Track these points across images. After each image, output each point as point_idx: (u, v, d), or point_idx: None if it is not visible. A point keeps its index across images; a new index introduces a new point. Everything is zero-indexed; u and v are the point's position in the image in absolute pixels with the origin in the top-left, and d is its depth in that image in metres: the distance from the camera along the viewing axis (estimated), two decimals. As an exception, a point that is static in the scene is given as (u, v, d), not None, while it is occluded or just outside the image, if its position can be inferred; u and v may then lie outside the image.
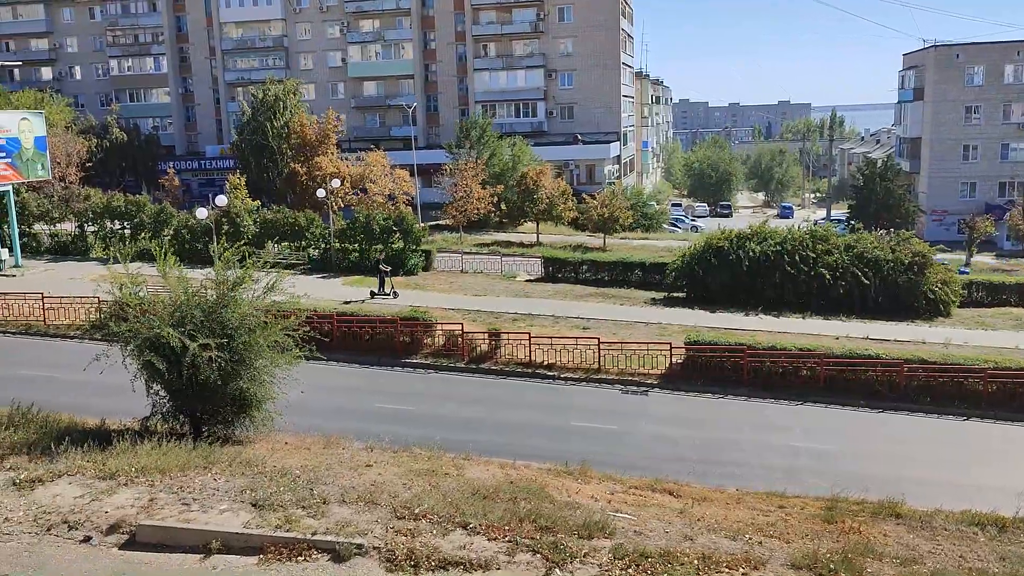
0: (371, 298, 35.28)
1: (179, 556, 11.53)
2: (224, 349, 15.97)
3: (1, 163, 40.44)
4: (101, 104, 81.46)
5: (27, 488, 13.34)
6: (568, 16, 74.61)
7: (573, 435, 21.79)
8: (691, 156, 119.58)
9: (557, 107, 75.91)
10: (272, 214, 45.58)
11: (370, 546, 11.56)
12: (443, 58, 77.48)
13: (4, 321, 31.71)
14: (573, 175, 72.10)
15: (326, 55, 79.04)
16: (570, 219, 56.20)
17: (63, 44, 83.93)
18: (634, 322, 32.83)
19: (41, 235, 47.96)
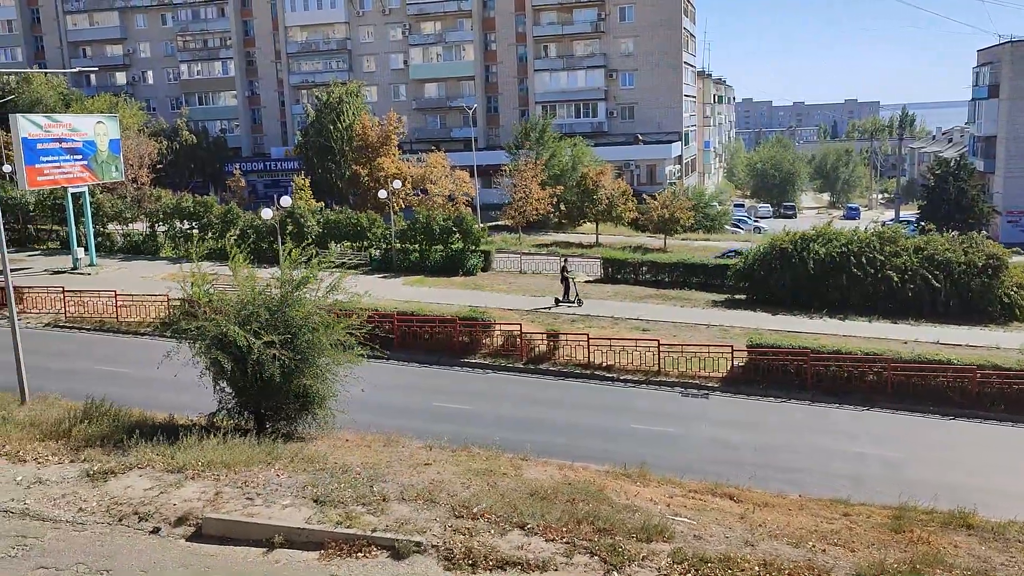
0: (555, 305, 34.60)
1: (243, 549, 11.79)
2: (288, 347, 16.29)
3: (78, 165, 41.83)
4: (171, 107, 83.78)
5: (100, 479, 13.79)
6: (629, 16, 74.13)
7: (632, 437, 21.63)
8: (754, 156, 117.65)
9: (618, 107, 75.50)
10: (335, 215, 46.29)
11: (429, 544, 11.66)
12: (503, 59, 77.71)
13: (80, 318, 32.82)
14: (633, 175, 71.61)
15: (388, 57, 79.97)
16: (630, 220, 55.81)
17: (136, 50, 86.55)
18: (695, 324, 32.44)
19: (115, 235, 49.55)
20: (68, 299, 33.43)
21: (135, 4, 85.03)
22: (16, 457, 14.74)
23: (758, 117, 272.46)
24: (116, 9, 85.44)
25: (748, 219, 78.86)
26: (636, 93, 74.73)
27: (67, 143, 41.16)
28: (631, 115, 75.32)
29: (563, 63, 75.30)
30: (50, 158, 40.19)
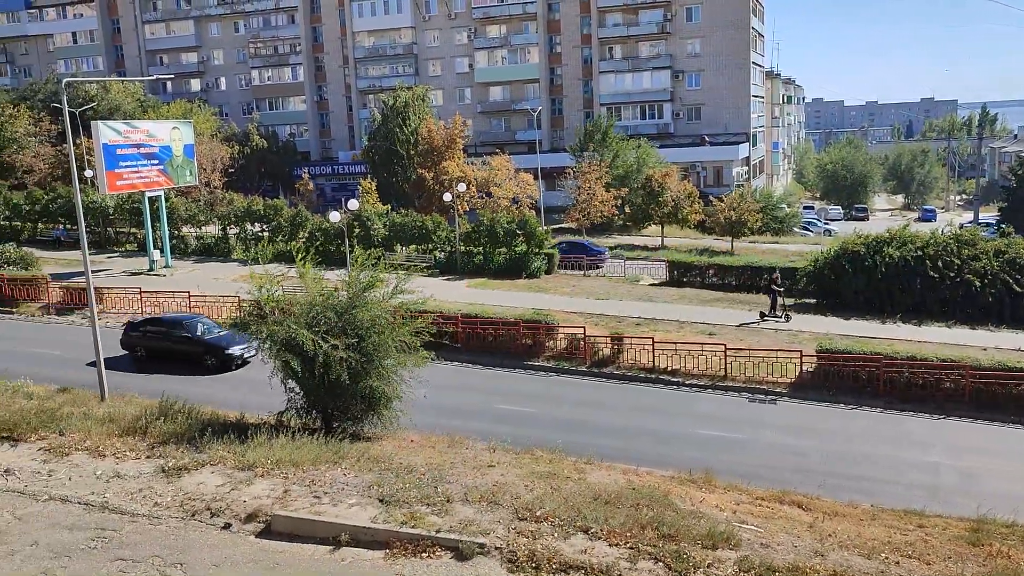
0: (761, 320, 32.87)
1: (311, 547, 11.99)
2: (355, 349, 16.53)
3: (155, 170, 43.16)
4: (243, 112, 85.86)
5: (175, 475, 14.19)
6: (696, 16, 73.29)
7: (697, 442, 21.35)
8: (824, 157, 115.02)
9: (684, 108, 74.69)
10: (400, 217, 46.83)
11: (492, 546, 11.68)
12: (568, 61, 77.60)
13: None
14: (700, 177, 70.72)
15: (454, 61, 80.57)
16: (696, 222, 55.16)
17: (210, 57, 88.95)
18: (762, 328, 31.89)
19: (188, 237, 51.02)
20: (144, 300, 34.53)
21: (209, 13, 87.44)
22: (96, 452, 15.26)
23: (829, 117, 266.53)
24: (191, 18, 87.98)
25: (818, 221, 77.03)
26: (702, 94, 73.82)
27: (144, 148, 42.50)
28: (697, 116, 74.44)
29: (628, 64, 74.83)
30: (128, 163, 41.55)
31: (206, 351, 27.24)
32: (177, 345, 27.70)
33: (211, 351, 27.19)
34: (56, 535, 12.12)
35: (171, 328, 28.27)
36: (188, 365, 26.86)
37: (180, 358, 27.28)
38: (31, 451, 15.34)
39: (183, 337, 27.75)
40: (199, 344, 27.42)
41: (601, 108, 74.43)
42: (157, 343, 28.14)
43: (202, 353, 27.22)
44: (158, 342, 28.12)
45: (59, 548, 11.75)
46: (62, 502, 13.26)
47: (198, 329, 28.04)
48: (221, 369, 26.83)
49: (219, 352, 27.14)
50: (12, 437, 15.81)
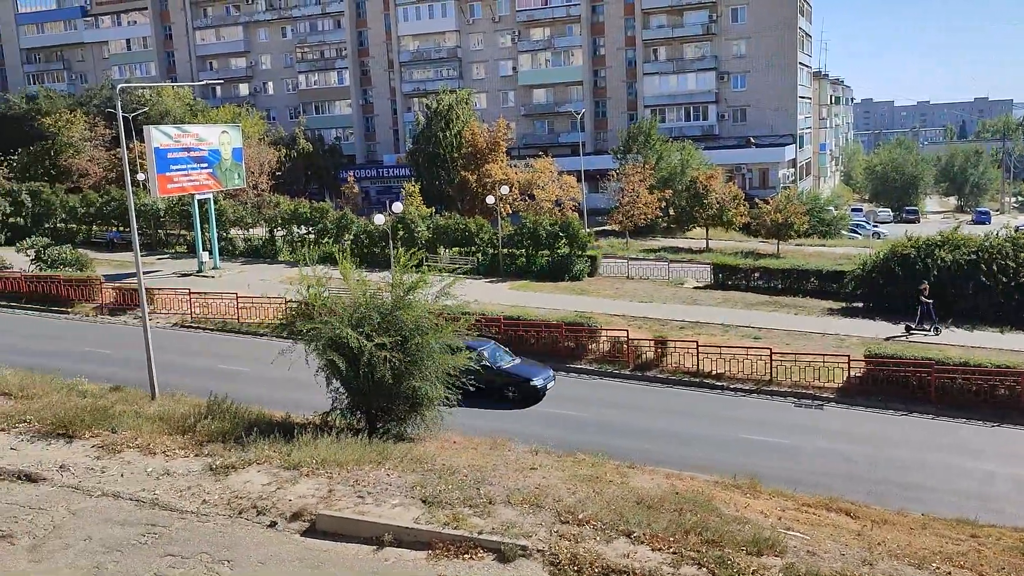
0: (908, 333, 31.13)
1: (354, 546, 12.10)
2: (398, 349, 16.67)
3: (204, 173, 44.00)
4: (290, 116, 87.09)
5: (222, 474, 14.43)
6: (742, 17, 72.56)
7: (741, 447, 21.11)
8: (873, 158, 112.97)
9: (729, 110, 73.98)
10: (444, 220, 47.09)
11: (534, 549, 11.68)
12: (612, 63, 77.36)
13: (204, 318, 34.48)
14: (745, 179, 69.97)
15: (497, 64, 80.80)
16: (741, 224, 54.58)
17: (258, 62, 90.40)
18: (809, 332, 31.42)
19: (236, 239, 51.90)
20: (193, 300, 35.19)
21: (258, 19, 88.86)
22: (147, 450, 15.59)
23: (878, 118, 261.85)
24: (240, 24, 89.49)
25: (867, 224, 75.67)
26: (748, 95, 73.05)
27: (194, 152, 43.35)
28: (743, 118, 73.67)
29: (673, 66, 74.34)
30: (179, 167, 42.41)
31: (507, 382, 24.49)
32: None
33: (513, 383, 24.53)
34: (108, 530, 12.40)
35: None
36: (481, 397, 22.28)
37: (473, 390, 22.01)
38: (85, 447, 15.73)
39: (482, 367, 23.01)
40: (499, 374, 24.46)
41: (645, 110, 74.04)
42: None
43: (503, 385, 24.41)
44: None
45: (111, 543, 12.02)
46: (114, 498, 13.57)
47: (494, 357, 25.04)
48: (523, 403, 24.39)
49: (522, 384, 24.57)
50: (67, 434, 16.22)
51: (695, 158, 61.74)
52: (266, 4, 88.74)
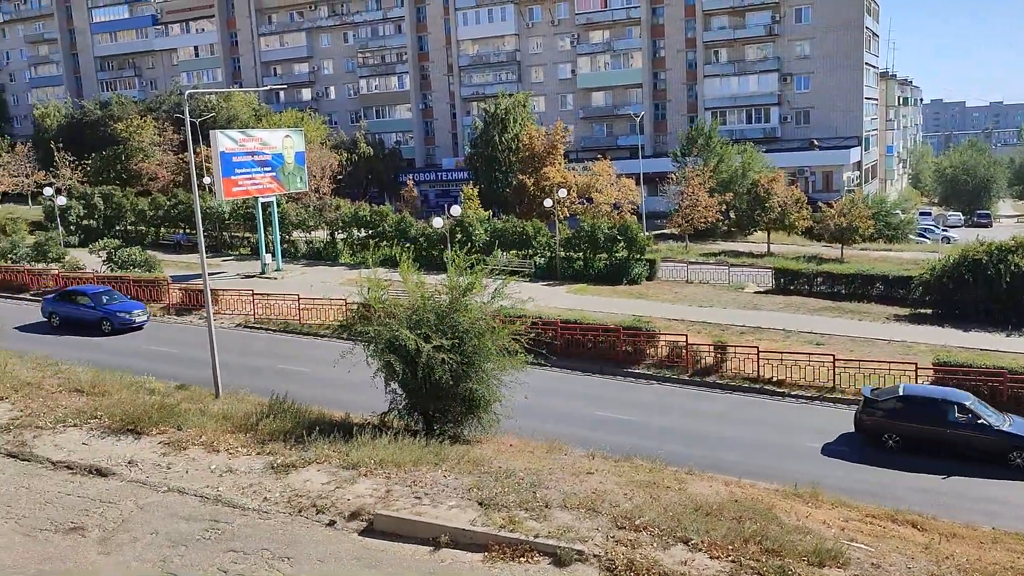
0: None
1: (411, 547, 12.20)
2: (455, 351, 16.75)
3: (267, 177, 44.88)
4: (351, 121, 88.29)
5: (283, 472, 14.68)
6: (806, 17, 71.24)
7: (803, 456, 20.69)
8: (943, 161, 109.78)
9: (792, 112, 72.68)
10: (501, 223, 47.24)
11: (590, 553, 11.62)
12: (672, 65, 76.69)
13: (266, 319, 35.16)
14: (808, 182, 68.64)
15: (556, 67, 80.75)
16: (804, 228, 53.57)
17: (320, 67, 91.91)
18: (874, 339, 30.67)
19: (298, 242, 52.83)
20: (256, 301, 35.90)
21: (321, 24, 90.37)
22: (211, 447, 15.95)
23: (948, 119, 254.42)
24: (303, 30, 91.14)
25: (935, 228, 73.63)
26: (812, 97, 71.67)
27: (258, 156, 44.25)
28: (806, 120, 72.30)
29: (734, 68, 73.37)
30: (243, 170, 43.33)
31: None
32: None
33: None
34: (174, 525, 12.72)
35: None
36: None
37: None
38: (152, 444, 16.16)
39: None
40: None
41: (706, 112, 73.21)
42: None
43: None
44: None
45: (176, 537, 12.33)
46: (179, 494, 13.91)
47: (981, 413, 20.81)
48: None
49: None
50: (136, 430, 16.68)
51: (756, 161, 60.81)
52: (329, 10, 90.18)
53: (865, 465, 20.24)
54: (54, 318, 33.96)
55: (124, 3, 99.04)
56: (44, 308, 34.62)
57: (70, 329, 32.98)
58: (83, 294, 34.16)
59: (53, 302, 34.43)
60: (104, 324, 32.93)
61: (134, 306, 34.39)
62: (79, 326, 33.01)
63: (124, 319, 33.22)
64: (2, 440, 16.14)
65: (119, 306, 33.68)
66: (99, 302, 33.61)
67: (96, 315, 33.11)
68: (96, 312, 33.18)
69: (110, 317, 33.05)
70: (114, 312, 33.20)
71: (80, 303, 33.65)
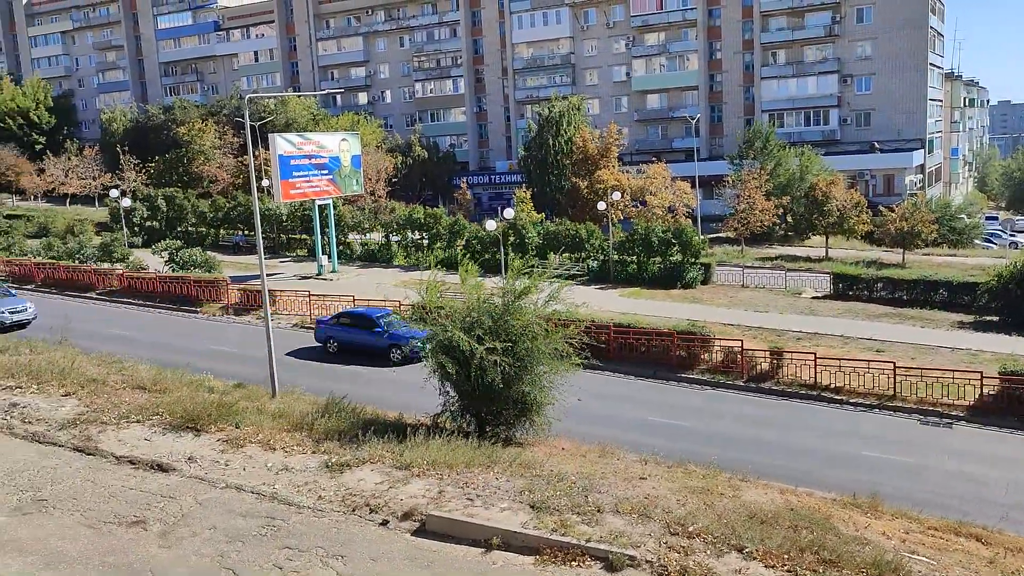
0: None
1: (463, 548, 12.24)
2: (508, 354, 16.77)
3: (324, 179, 45.54)
4: (406, 124, 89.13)
5: (337, 471, 14.86)
6: (868, 17, 69.77)
7: (861, 465, 20.25)
8: (1010, 163, 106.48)
9: (852, 114, 71.23)
10: (554, 226, 47.20)
11: (642, 559, 11.52)
12: (728, 67, 75.79)
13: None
14: (868, 186, 67.20)
15: (611, 70, 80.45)
16: (864, 233, 52.44)
17: (377, 71, 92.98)
18: (936, 347, 29.88)
19: (354, 244, 53.53)
20: (313, 302, 36.44)
21: (377, 29, 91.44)
22: (267, 445, 16.23)
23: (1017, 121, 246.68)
24: (360, 34, 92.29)
25: (1003, 233, 71.43)
26: (873, 98, 70.15)
27: (316, 159, 44.94)
28: (867, 122, 70.77)
29: (792, 69, 72.20)
30: (301, 173, 44.05)
31: None
32: None
33: None
34: (231, 521, 12.96)
35: None
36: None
37: None
38: (211, 441, 16.50)
39: None
40: None
41: (763, 115, 72.18)
42: None
43: None
44: None
45: (233, 533, 12.56)
46: (237, 490, 14.17)
47: None
48: None
49: None
50: (195, 427, 17.05)
51: (815, 164, 59.70)
52: (385, 15, 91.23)
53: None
54: (331, 343, 30.79)
55: (188, 10, 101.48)
56: (320, 333, 31.29)
57: (350, 357, 29.88)
58: (367, 318, 30.45)
59: (331, 326, 31.18)
60: (393, 352, 29.23)
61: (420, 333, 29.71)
62: (362, 353, 29.68)
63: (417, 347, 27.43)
64: (69, 434, 16.65)
65: (408, 333, 28.45)
66: (384, 326, 29.87)
67: (384, 342, 29.55)
68: (383, 339, 29.59)
69: (399, 344, 29.07)
70: (404, 338, 28.75)
71: (363, 327, 30.16)
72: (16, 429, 16.99)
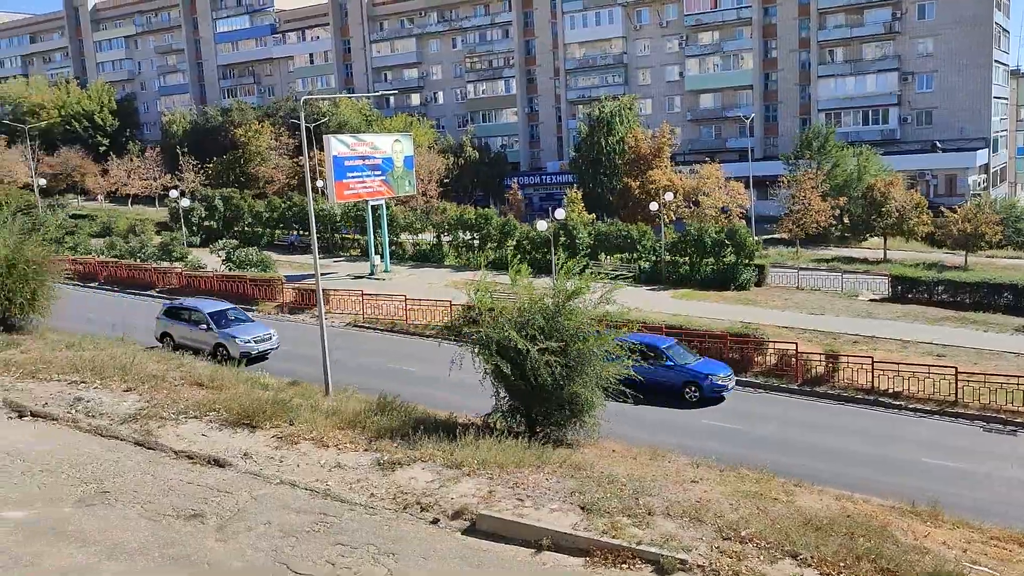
0: None
1: (512, 548, 12.25)
2: (560, 355, 16.74)
3: (377, 180, 46.01)
4: (458, 125, 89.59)
5: (389, 469, 14.99)
6: (929, 13, 68.07)
7: (921, 472, 19.77)
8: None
9: (912, 112, 69.57)
10: (606, 227, 47.01)
11: (694, 563, 11.40)
12: (784, 66, 74.63)
13: (374, 319, 36.03)
14: (929, 186, 65.56)
15: (663, 70, 79.83)
16: (924, 234, 51.26)
17: (429, 72, 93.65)
18: (1001, 352, 29.03)
19: (406, 244, 53.98)
20: (365, 301, 36.84)
21: (430, 30, 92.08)
22: (320, 442, 16.44)
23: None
24: (413, 36, 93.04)
25: (1071, 235, 69.07)
26: (934, 97, 68.42)
27: (369, 160, 45.43)
28: (928, 121, 69.05)
29: (850, 68, 70.77)
30: (355, 174, 44.57)
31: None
32: None
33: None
34: (285, 516, 13.17)
35: None
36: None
37: None
38: (266, 437, 16.77)
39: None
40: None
41: (819, 114, 70.93)
42: None
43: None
44: None
45: (287, 528, 12.75)
46: (291, 487, 14.39)
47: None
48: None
49: None
50: (251, 424, 17.35)
51: (873, 164, 58.48)
52: (438, 16, 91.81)
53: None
54: None
55: (245, 13, 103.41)
56: None
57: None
58: (656, 349, 25.08)
59: None
60: (689, 391, 25.10)
61: (718, 367, 25.82)
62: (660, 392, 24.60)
63: (716, 384, 25.13)
64: (130, 429, 17.08)
65: (704, 366, 25.55)
66: (672, 358, 25.47)
67: (680, 378, 25.20)
68: (678, 374, 25.22)
69: (697, 381, 25.16)
70: (701, 375, 25.21)
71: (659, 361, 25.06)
72: (81, 423, 17.48)
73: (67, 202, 75.49)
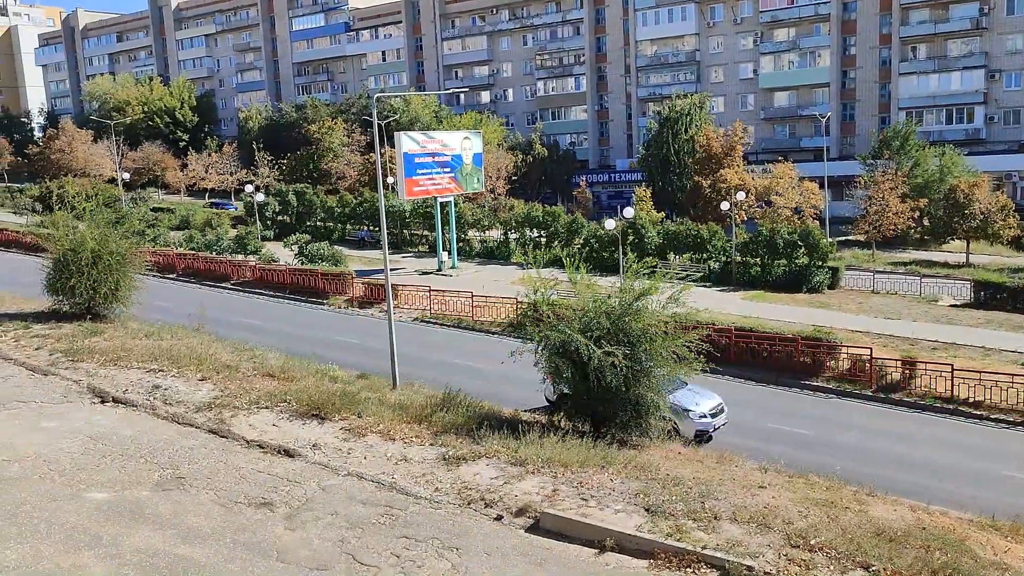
0: None
1: (576, 548, 12.22)
2: (626, 356, 16.59)
3: (446, 177, 46.39)
4: (528, 123, 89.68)
5: (454, 464, 15.10)
6: (1019, 8, 65.37)
7: (1002, 485, 19.03)
8: None
9: (1000, 111, 66.97)
10: (675, 226, 46.50)
11: (760, 570, 11.20)
12: (863, 63, 72.64)
13: (441, 315, 36.33)
14: (1016, 188, 63.08)
15: (737, 67, 78.50)
16: (1010, 238, 49.32)
17: (499, 70, 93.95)
18: (1090, 362, 27.76)
19: (473, 240, 54.29)
20: (433, 297, 37.18)
21: (501, 28, 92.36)
22: (387, 435, 16.65)
23: None
24: (484, 34, 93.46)
25: None
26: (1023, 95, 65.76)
27: (439, 157, 45.82)
28: (1016, 120, 66.40)
29: (934, 65, 68.48)
30: (424, 171, 45.02)
31: None
32: None
33: None
34: (352, 508, 13.38)
35: None
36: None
37: None
38: (334, 429, 17.07)
39: None
40: None
41: (899, 112, 68.81)
42: None
43: None
44: None
45: (354, 519, 12.96)
46: (358, 478, 14.61)
47: None
48: None
49: None
50: (320, 415, 17.68)
51: (956, 164, 56.50)
52: (509, 14, 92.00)
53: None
54: None
55: (321, 12, 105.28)
56: None
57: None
58: None
59: None
60: None
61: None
62: None
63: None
64: (205, 417, 17.57)
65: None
66: None
67: None
68: None
69: None
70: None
71: None
72: (158, 410, 18.06)
73: (148, 196, 78.10)
